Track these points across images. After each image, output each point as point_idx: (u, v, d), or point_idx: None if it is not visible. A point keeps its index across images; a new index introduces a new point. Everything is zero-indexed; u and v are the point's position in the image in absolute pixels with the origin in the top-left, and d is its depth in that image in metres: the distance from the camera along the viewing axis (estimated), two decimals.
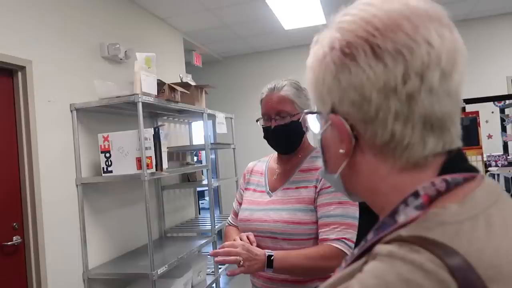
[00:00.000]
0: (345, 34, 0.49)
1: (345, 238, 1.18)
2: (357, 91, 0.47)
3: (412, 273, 0.37)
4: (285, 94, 1.30)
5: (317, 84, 0.52)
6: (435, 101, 0.45)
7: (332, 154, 0.54)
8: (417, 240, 0.39)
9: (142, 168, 2.55)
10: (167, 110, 3.46)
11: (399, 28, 0.45)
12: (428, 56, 0.45)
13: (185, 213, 4.28)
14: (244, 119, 5.70)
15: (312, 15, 4.49)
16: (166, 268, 2.65)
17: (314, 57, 0.53)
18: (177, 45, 4.52)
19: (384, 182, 0.49)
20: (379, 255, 0.40)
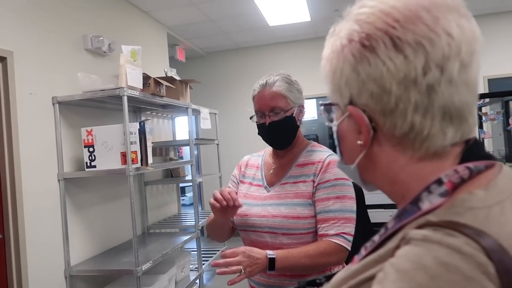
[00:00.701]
0: (364, 26, 0.48)
1: (344, 232, 1.19)
2: (377, 82, 0.47)
3: (450, 256, 0.37)
4: (277, 89, 1.29)
5: (335, 76, 0.52)
6: (454, 92, 0.46)
7: (349, 145, 0.55)
8: (450, 225, 0.39)
9: (127, 163, 2.52)
10: (151, 104, 3.41)
11: (419, 20, 0.46)
12: (448, 47, 0.45)
13: (168, 209, 4.25)
14: (228, 115, 5.69)
15: (297, 12, 4.51)
16: (151, 264, 2.63)
17: (331, 49, 0.53)
18: (161, 39, 4.46)
19: (403, 171, 0.50)
20: (414, 240, 0.40)
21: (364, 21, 0.49)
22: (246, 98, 5.86)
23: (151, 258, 2.69)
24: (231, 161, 5.66)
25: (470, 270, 0.36)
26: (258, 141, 5.61)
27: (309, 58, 5.60)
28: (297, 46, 5.71)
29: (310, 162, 1.29)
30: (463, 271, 0.36)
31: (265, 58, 5.82)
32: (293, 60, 5.64)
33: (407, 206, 0.47)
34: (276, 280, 1.24)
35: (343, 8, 2.25)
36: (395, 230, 0.46)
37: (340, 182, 1.24)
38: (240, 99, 5.90)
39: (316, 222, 1.22)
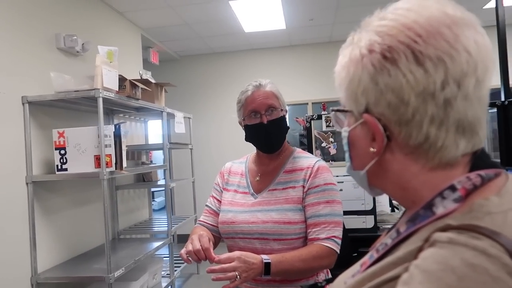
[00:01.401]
0: (386, 38, 0.50)
1: (334, 236, 1.21)
2: (395, 93, 0.49)
3: (477, 258, 0.38)
4: (271, 90, 1.32)
5: (351, 84, 0.53)
6: (469, 107, 0.48)
7: (360, 151, 0.56)
8: (473, 228, 0.41)
9: (101, 166, 2.45)
10: (124, 107, 3.34)
11: (441, 36, 0.47)
12: (467, 64, 0.47)
13: (139, 214, 4.15)
14: (202, 120, 5.65)
15: (273, 19, 4.57)
16: (123, 271, 2.56)
17: (348, 58, 0.54)
18: (135, 41, 4.38)
19: (415, 178, 0.51)
20: (439, 242, 0.41)
21: (385, 33, 0.50)
22: (220, 103, 5.88)
23: (123, 264, 2.62)
24: (204, 166, 5.66)
25: (497, 271, 0.38)
26: (231, 147, 5.66)
27: (283, 65, 5.68)
28: (271, 53, 5.77)
29: (299, 168, 1.30)
30: (490, 272, 0.38)
31: (239, 64, 5.84)
32: (267, 67, 5.69)
33: (420, 211, 0.49)
34: (265, 286, 1.23)
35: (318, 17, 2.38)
36: (409, 233, 0.48)
37: (329, 187, 1.26)
38: (214, 104, 5.88)
39: (306, 227, 1.23)
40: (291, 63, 5.69)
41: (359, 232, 2.56)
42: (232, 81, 5.86)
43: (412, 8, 0.51)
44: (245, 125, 1.35)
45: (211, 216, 1.40)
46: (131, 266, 2.69)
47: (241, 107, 1.35)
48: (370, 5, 3.41)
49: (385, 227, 2.70)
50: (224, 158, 6.79)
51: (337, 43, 5.75)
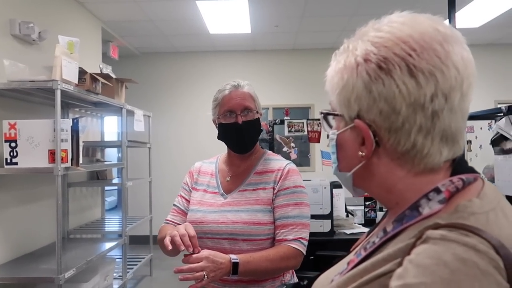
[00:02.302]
0: (381, 50, 0.53)
1: (302, 237, 1.23)
2: (388, 102, 0.52)
3: (468, 253, 0.42)
4: (249, 91, 1.33)
5: (345, 89, 0.56)
6: (453, 118, 0.52)
7: (348, 154, 0.59)
8: (461, 226, 0.45)
9: (56, 161, 2.33)
10: (82, 101, 3.21)
11: (434, 52, 0.51)
12: (455, 79, 0.51)
13: (91, 213, 3.99)
14: (161, 119, 5.53)
15: (238, 23, 4.59)
16: (74, 272, 2.45)
17: (343, 64, 0.56)
18: (95, 34, 4.22)
19: (400, 182, 0.55)
20: (431, 239, 0.44)
21: (381, 45, 0.53)
22: (181, 103, 5.80)
23: (74, 265, 2.50)
24: (162, 166, 5.55)
25: (485, 265, 0.41)
26: (191, 147, 5.60)
27: (246, 69, 5.71)
28: (235, 56, 5.78)
29: (270, 170, 1.32)
30: (479, 266, 0.41)
31: (202, 65, 5.80)
32: (230, 70, 5.70)
33: (406, 211, 0.52)
34: (232, 286, 1.23)
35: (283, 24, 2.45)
36: (396, 232, 0.51)
37: (298, 189, 1.29)
38: (174, 104, 5.79)
39: (274, 228, 1.25)
40: (253, 67, 5.74)
41: (316, 236, 2.62)
42: (194, 81, 5.81)
43: (406, 22, 0.54)
44: (219, 124, 1.35)
45: (179, 215, 1.38)
46: (83, 267, 2.58)
47: (217, 105, 1.35)
48: (334, 16, 3.57)
49: (341, 231, 2.79)
50: (183, 159, 6.74)
51: (300, 51, 5.91)
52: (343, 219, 2.95)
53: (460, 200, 0.50)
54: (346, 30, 4.92)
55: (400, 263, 0.46)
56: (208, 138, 5.76)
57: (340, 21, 4.64)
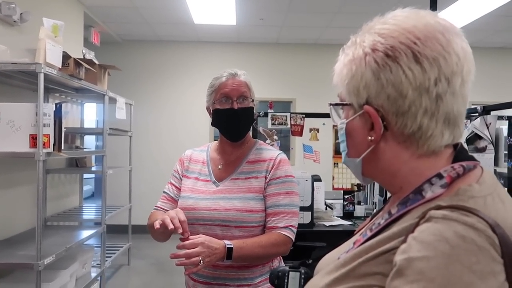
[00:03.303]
0: (388, 39, 0.57)
1: (292, 225, 1.28)
2: (395, 87, 0.56)
3: (467, 231, 0.46)
4: (245, 80, 1.35)
5: (354, 79, 0.60)
6: (455, 102, 0.56)
7: (357, 140, 0.62)
8: (462, 207, 0.49)
9: (38, 146, 2.29)
10: (63, 86, 3.15)
11: (436, 40, 0.56)
12: (456, 65, 0.56)
13: (69, 201, 3.93)
14: (143, 108, 5.47)
15: (224, 14, 4.58)
16: (54, 259, 2.42)
17: (352, 56, 0.60)
18: (76, 18, 4.13)
19: (405, 166, 0.59)
20: (434, 218, 0.49)
21: (388, 35, 0.57)
22: (163, 92, 5.76)
23: (53, 252, 2.47)
24: (142, 155, 5.51)
25: (482, 241, 0.46)
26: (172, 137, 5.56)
27: (230, 61, 5.69)
28: (218, 48, 5.76)
29: (262, 160, 1.36)
30: (477, 242, 0.46)
31: (185, 55, 5.76)
32: (213, 61, 5.68)
33: (410, 195, 0.57)
34: (223, 272, 1.26)
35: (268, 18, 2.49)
36: (400, 214, 0.55)
37: (289, 179, 1.33)
38: (157, 93, 5.74)
39: (266, 216, 1.29)
40: (237, 59, 5.73)
41: (297, 227, 2.68)
42: (176, 70, 5.76)
43: (410, 16, 0.59)
44: (214, 110, 1.36)
45: (169, 202, 1.40)
46: (62, 254, 2.55)
47: (212, 92, 1.36)
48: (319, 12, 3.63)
49: (320, 223, 2.86)
50: (164, 148, 6.69)
51: (284, 45, 5.94)
52: (323, 211, 3.03)
53: (460, 185, 0.54)
54: (330, 26, 4.99)
55: (404, 241, 0.50)
56: (190, 128, 5.77)
57: (325, 18, 4.70)
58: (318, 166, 3.28)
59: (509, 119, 2.47)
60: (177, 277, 4.10)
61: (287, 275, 0.73)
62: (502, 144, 2.37)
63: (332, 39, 5.45)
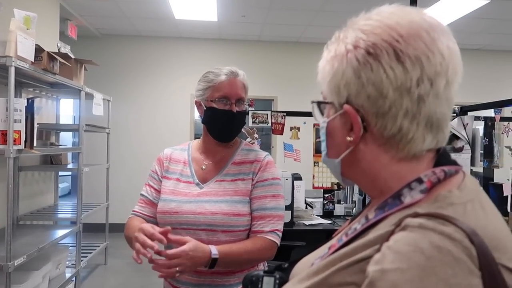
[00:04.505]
0: (370, 36, 0.54)
1: (277, 229, 1.23)
2: (375, 87, 0.53)
3: (443, 241, 0.44)
4: (244, 82, 1.31)
5: (335, 76, 0.57)
6: (438, 105, 0.53)
7: (337, 140, 0.60)
8: (439, 215, 0.46)
9: (8, 143, 2.21)
10: (37, 80, 3.04)
11: (420, 38, 0.53)
12: (440, 66, 0.53)
13: (43, 199, 3.81)
14: (121, 104, 5.36)
15: (205, 10, 4.51)
16: (24, 259, 2.33)
17: (334, 53, 0.58)
18: (52, 10, 4.00)
19: (384, 169, 0.56)
20: (410, 227, 0.46)
21: (370, 32, 0.55)
22: (142, 88, 5.67)
23: (25, 252, 2.38)
24: (120, 152, 5.40)
25: (458, 252, 0.43)
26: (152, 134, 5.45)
27: (211, 58, 5.64)
28: (199, 44, 5.69)
29: (248, 161, 1.31)
30: (453, 254, 0.43)
31: (165, 50, 5.66)
32: (194, 57, 5.61)
33: (389, 199, 0.54)
34: (207, 278, 1.21)
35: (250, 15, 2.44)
36: (378, 219, 0.52)
37: (276, 181, 1.28)
38: (136, 89, 5.62)
39: (251, 219, 1.24)
40: (218, 56, 5.68)
41: None
42: (156, 67, 5.66)
43: (395, 12, 0.56)
44: (209, 107, 1.29)
45: (147, 206, 1.32)
46: (34, 254, 2.46)
47: (208, 88, 1.28)
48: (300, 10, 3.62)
49: (300, 222, 2.86)
50: (142, 146, 6.57)
51: (266, 43, 5.92)
52: (303, 210, 3.02)
53: (440, 191, 0.51)
54: (311, 25, 4.99)
55: (379, 249, 0.47)
56: (170, 125, 5.68)
57: (306, 16, 4.69)
58: (299, 165, 3.27)
59: (485, 120, 2.52)
60: (155, 277, 3.98)
61: (261, 280, 0.70)
62: (478, 144, 2.42)
63: (314, 37, 5.46)
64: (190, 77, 5.59)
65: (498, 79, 6.02)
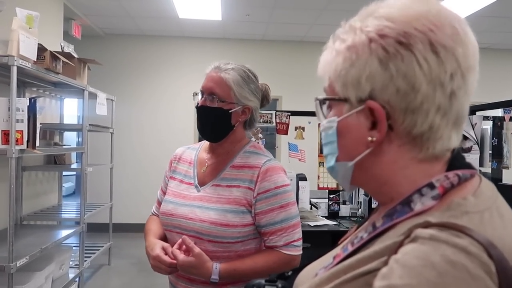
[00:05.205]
0: (400, 24, 0.49)
1: (293, 241, 1.15)
2: (406, 79, 0.48)
3: (457, 255, 0.39)
4: (226, 77, 1.18)
5: (353, 68, 0.51)
6: (466, 101, 0.50)
7: (351, 141, 0.53)
8: (453, 226, 0.42)
9: (10, 143, 2.19)
10: (40, 80, 3.03)
11: (454, 30, 0.49)
12: (472, 59, 0.50)
13: (47, 199, 3.80)
14: (125, 104, 5.35)
15: (209, 9, 4.49)
16: (27, 260, 2.32)
17: (351, 42, 0.52)
18: (56, 10, 3.98)
19: (400, 172, 0.52)
20: (420, 238, 0.42)
21: (399, 20, 0.50)
22: (146, 88, 5.65)
23: (27, 253, 2.37)
24: (124, 153, 5.40)
25: (475, 268, 0.39)
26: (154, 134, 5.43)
27: (214, 57, 5.52)
28: (203, 43, 5.67)
29: (247, 166, 1.20)
30: (469, 270, 0.38)
31: (169, 50, 5.64)
32: (198, 57, 5.58)
33: (398, 206, 0.50)
34: (200, 287, 1.16)
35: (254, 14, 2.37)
36: (385, 228, 0.48)
37: (281, 190, 1.16)
38: (139, 89, 5.61)
39: (247, 231, 1.16)
40: (223, 56, 5.63)
41: None
42: (160, 66, 5.65)
43: (417, 0, 0.52)
44: None
45: (159, 207, 1.31)
46: (37, 255, 2.45)
47: None
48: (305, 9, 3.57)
49: (305, 223, 2.82)
50: (146, 146, 6.56)
51: (270, 42, 5.88)
52: (308, 211, 2.99)
53: (454, 197, 0.47)
54: (316, 24, 4.95)
55: (386, 262, 0.43)
56: (173, 125, 5.67)
57: (311, 15, 4.65)
58: (304, 165, 3.24)
59: (494, 120, 2.47)
60: (159, 278, 3.99)
61: None
62: (487, 145, 2.37)
63: (319, 36, 5.41)
64: (194, 77, 5.58)
65: (506, 78, 5.95)
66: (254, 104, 1.25)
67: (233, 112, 1.20)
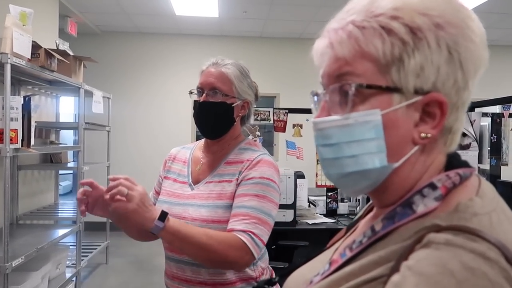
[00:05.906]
0: (457, 14, 0.48)
1: (252, 232, 1.04)
2: (463, 70, 0.47)
3: (476, 261, 0.37)
4: (226, 71, 1.19)
5: (420, 53, 0.46)
6: (470, 95, 0.50)
7: (398, 139, 0.48)
8: (466, 229, 0.39)
9: (4, 141, 2.16)
10: (35, 78, 2.99)
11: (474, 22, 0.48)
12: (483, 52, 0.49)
13: (43, 198, 3.77)
14: (121, 102, 5.31)
15: (206, 6, 4.45)
16: (23, 260, 2.30)
17: (415, 25, 0.46)
18: (51, 7, 3.94)
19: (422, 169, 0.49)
20: (435, 243, 0.39)
21: (459, 8, 0.48)
22: (142, 85, 5.62)
23: (23, 252, 2.35)
24: (120, 151, 5.37)
25: (495, 275, 0.37)
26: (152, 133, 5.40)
27: (212, 55, 5.49)
28: (200, 41, 5.64)
29: (239, 161, 1.18)
30: (489, 276, 0.36)
31: (166, 47, 5.61)
32: (195, 54, 5.55)
33: (397, 208, 0.47)
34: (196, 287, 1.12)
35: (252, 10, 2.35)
36: (387, 232, 0.46)
37: (265, 181, 1.12)
38: (135, 86, 5.58)
39: None
40: (220, 53, 5.50)
41: (279, 225, 2.61)
42: (156, 64, 5.61)
43: None
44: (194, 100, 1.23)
45: None
46: (33, 254, 2.42)
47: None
48: (303, 6, 3.55)
49: (303, 221, 2.81)
50: (143, 144, 6.53)
51: (268, 39, 5.85)
52: (306, 209, 2.97)
53: (459, 198, 0.45)
54: (314, 20, 4.92)
55: (394, 268, 0.41)
56: (170, 123, 5.64)
57: (309, 11, 4.62)
58: (302, 163, 3.22)
59: (492, 116, 2.46)
60: (156, 277, 4.00)
61: None
62: (486, 141, 2.36)
63: (317, 33, 5.38)
64: (191, 74, 5.54)
65: (506, 75, 5.94)
66: (251, 98, 1.26)
67: (235, 106, 1.20)
